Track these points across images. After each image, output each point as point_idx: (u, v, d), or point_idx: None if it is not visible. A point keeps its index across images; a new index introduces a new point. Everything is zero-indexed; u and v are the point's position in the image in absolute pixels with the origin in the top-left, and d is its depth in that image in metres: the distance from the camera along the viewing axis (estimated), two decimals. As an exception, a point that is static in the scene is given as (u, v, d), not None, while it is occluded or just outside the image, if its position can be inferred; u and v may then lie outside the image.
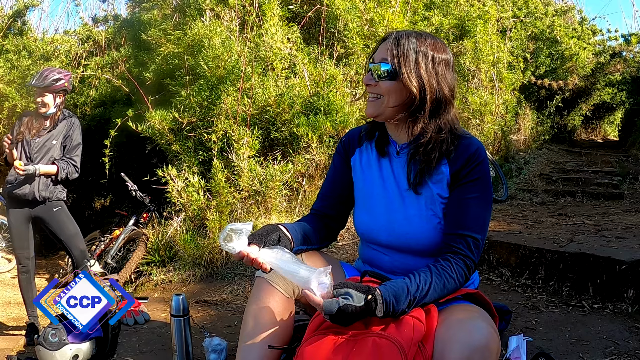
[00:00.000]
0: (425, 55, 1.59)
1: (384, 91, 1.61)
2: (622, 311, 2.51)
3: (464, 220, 1.59)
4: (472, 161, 1.60)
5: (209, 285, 3.78)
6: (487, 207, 1.63)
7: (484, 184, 1.62)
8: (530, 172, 7.54)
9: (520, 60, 8.20)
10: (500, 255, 3.28)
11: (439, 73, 1.60)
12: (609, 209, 5.19)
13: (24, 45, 7.25)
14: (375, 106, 1.64)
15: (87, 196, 8.83)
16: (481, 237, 1.59)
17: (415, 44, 1.59)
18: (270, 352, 1.61)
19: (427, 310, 1.53)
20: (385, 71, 1.59)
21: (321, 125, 4.48)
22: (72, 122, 3.94)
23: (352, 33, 5.13)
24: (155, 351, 2.47)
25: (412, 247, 1.67)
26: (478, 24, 6.66)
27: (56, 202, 3.91)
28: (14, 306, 4.88)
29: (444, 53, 1.63)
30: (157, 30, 5.39)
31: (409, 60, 1.57)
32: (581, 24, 11.40)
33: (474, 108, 6.40)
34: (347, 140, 1.86)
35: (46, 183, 3.81)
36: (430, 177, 1.64)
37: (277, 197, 4.39)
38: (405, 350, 1.35)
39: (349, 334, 1.41)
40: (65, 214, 3.97)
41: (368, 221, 1.77)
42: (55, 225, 3.91)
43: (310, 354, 1.40)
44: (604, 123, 15.56)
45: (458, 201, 1.61)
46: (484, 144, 6.49)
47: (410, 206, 1.67)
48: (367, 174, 1.78)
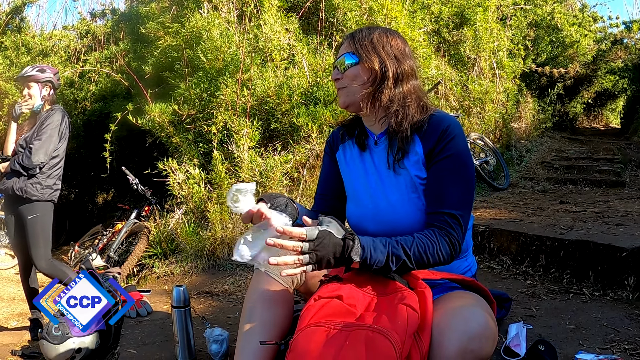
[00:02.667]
0: (380, 38, 1.67)
1: (350, 78, 1.68)
2: (622, 298, 2.51)
3: (441, 198, 1.58)
4: (444, 137, 1.60)
5: (211, 276, 3.79)
6: (465, 183, 1.60)
7: (459, 160, 1.60)
8: (532, 160, 7.52)
9: (521, 47, 8.16)
10: (501, 243, 3.28)
11: (396, 53, 1.67)
12: (611, 196, 5.18)
13: (23, 42, 7.25)
14: (345, 94, 1.70)
15: (90, 191, 8.86)
16: (461, 214, 1.57)
17: (369, 33, 1.69)
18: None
19: (419, 292, 1.51)
20: (348, 62, 1.68)
21: (321, 115, 4.48)
22: (52, 114, 3.71)
23: (350, 22, 5.11)
24: (158, 343, 2.48)
25: (399, 233, 1.67)
26: (478, 11, 6.64)
27: (40, 204, 3.67)
28: (18, 302, 4.91)
29: (398, 38, 1.71)
30: (155, 24, 5.37)
31: (366, 44, 1.66)
32: (582, 10, 11.34)
33: (474, 96, 6.38)
34: (331, 139, 1.93)
35: (22, 178, 3.63)
36: (408, 156, 1.66)
37: (278, 188, 4.39)
38: (399, 344, 1.33)
39: (342, 324, 1.40)
40: (41, 225, 3.68)
41: (356, 213, 1.80)
42: (27, 232, 3.67)
43: (302, 347, 1.39)
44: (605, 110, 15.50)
45: (434, 179, 1.61)
46: (485, 132, 6.53)
47: (392, 193, 1.69)
48: (352, 168, 1.82)
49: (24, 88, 3.79)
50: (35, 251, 3.66)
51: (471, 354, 1.36)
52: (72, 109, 7.15)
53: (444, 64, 6.44)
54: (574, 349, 1.98)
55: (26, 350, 3.42)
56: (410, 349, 1.37)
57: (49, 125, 3.66)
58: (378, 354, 1.32)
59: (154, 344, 2.47)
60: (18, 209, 3.70)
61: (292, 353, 1.42)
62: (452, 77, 6.44)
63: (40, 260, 3.67)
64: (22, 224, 3.71)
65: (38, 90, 3.77)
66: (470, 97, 6.41)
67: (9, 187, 3.65)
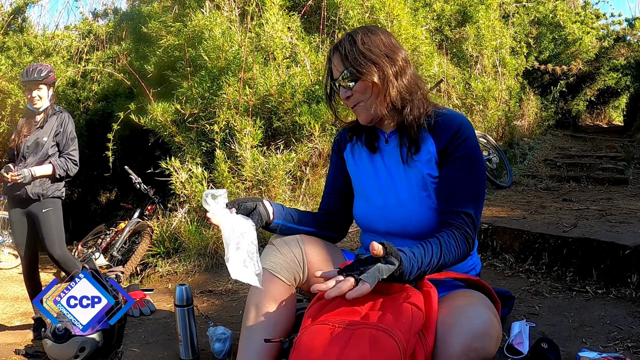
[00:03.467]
0: (366, 44, 1.64)
1: (361, 91, 1.66)
2: (625, 296, 2.50)
3: (455, 197, 1.61)
4: (457, 137, 1.63)
5: (214, 275, 3.79)
6: (479, 181, 1.64)
7: (472, 159, 1.63)
8: (535, 157, 7.51)
9: (524, 45, 8.16)
10: (504, 241, 3.27)
11: (386, 51, 1.65)
12: (614, 194, 5.17)
13: (25, 42, 7.26)
14: (364, 111, 1.69)
15: (93, 190, 8.87)
16: (474, 213, 1.61)
17: (353, 43, 1.65)
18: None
19: (425, 292, 1.51)
20: (349, 76, 1.65)
21: (323, 114, 4.48)
22: (63, 118, 3.87)
23: (352, 21, 5.11)
24: (161, 341, 2.49)
25: (409, 231, 1.68)
26: (480, 9, 6.63)
27: (50, 200, 3.83)
28: (22, 301, 4.92)
29: (381, 34, 1.69)
30: (157, 23, 5.38)
31: (356, 58, 1.63)
32: (584, 8, 11.32)
33: (477, 94, 6.38)
34: (339, 137, 1.94)
35: (41, 180, 3.78)
36: (420, 152, 1.67)
37: (281, 187, 4.39)
38: (403, 343, 1.33)
39: (346, 322, 1.40)
40: (54, 217, 3.85)
41: (365, 210, 1.81)
42: (41, 225, 3.82)
43: (306, 345, 1.39)
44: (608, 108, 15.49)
45: (448, 179, 1.63)
46: (487, 129, 6.53)
47: (402, 191, 1.70)
48: (360, 166, 1.83)
49: (32, 90, 3.78)
50: (50, 240, 3.82)
51: (475, 352, 1.36)
52: (74, 109, 7.16)
53: (446, 61, 6.43)
54: (577, 346, 1.98)
55: (30, 349, 3.42)
56: (415, 347, 1.37)
57: (71, 132, 3.90)
58: (382, 352, 1.32)
59: (157, 343, 2.47)
60: (29, 208, 3.83)
61: (296, 351, 1.42)
62: (454, 75, 6.44)
63: (55, 247, 3.83)
64: (34, 221, 3.84)
65: (47, 91, 3.81)
66: (472, 94, 6.40)
67: (21, 191, 3.73)
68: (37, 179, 3.75)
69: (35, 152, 3.79)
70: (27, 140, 3.79)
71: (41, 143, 3.78)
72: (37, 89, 3.76)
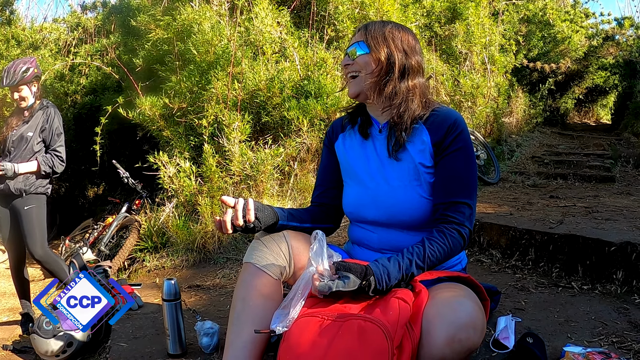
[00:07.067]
0: (392, 32, 1.74)
1: (361, 66, 1.74)
2: (610, 292, 2.52)
3: (454, 188, 1.66)
4: (452, 131, 1.68)
5: (202, 270, 3.78)
6: (473, 173, 1.71)
7: (467, 151, 1.69)
8: (523, 154, 7.56)
9: (513, 43, 8.19)
10: (491, 236, 3.29)
11: (405, 47, 1.74)
12: (601, 191, 5.21)
13: (13, 35, 7.19)
14: (355, 84, 1.76)
15: (80, 185, 8.80)
16: (472, 203, 1.67)
17: (382, 26, 1.76)
18: (259, 335, 1.62)
19: (416, 293, 1.54)
20: (359, 52, 1.74)
21: (312, 109, 4.48)
22: (49, 113, 3.81)
23: (342, 16, 5.10)
24: (149, 336, 2.48)
25: (399, 219, 1.71)
26: (470, 6, 6.65)
27: (34, 197, 3.75)
28: (9, 297, 4.88)
29: (409, 34, 1.78)
30: (146, 16, 5.33)
31: (377, 36, 1.73)
32: (574, 6, 11.38)
33: (465, 91, 6.39)
34: (331, 130, 1.99)
35: (25, 176, 3.71)
36: (409, 143, 1.72)
37: (269, 181, 4.39)
38: (390, 334, 1.36)
39: (335, 315, 1.41)
40: (37, 215, 3.76)
41: (354, 199, 1.84)
42: (23, 223, 3.74)
43: (296, 337, 1.41)
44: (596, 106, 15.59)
45: (446, 171, 1.68)
46: (476, 126, 6.55)
47: (393, 178, 1.74)
48: (350, 154, 1.86)
49: (13, 92, 3.74)
50: (32, 239, 3.72)
51: (459, 343, 1.39)
52: (62, 102, 7.09)
53: (435, 58, 6.45)
54: (562, 341, 2.00)
55: (17, 344, 3.40)
56: (402, 338, 1.40)
57: (57, 128, 3.81)
58: (370, 343, 1.35)
59: (145, 338, 2.46)
60: (12, 203, 3.75)
61: (285, 343, 1.43)
62: (443, 71, 6.46)
63: (37, 247, 3.72)
64: (17, 217, 3.76)
65: (28, 90, 3.75)
66: (461, 91, 6.42)
67: (3, 186, 3.68)
68: (21, 175, 3.70)
69: (20, 147, 3.74)
70: (13, 135, 3.74)
71: (26, 138, 3.73)
72: (16, 91, 3.71)
